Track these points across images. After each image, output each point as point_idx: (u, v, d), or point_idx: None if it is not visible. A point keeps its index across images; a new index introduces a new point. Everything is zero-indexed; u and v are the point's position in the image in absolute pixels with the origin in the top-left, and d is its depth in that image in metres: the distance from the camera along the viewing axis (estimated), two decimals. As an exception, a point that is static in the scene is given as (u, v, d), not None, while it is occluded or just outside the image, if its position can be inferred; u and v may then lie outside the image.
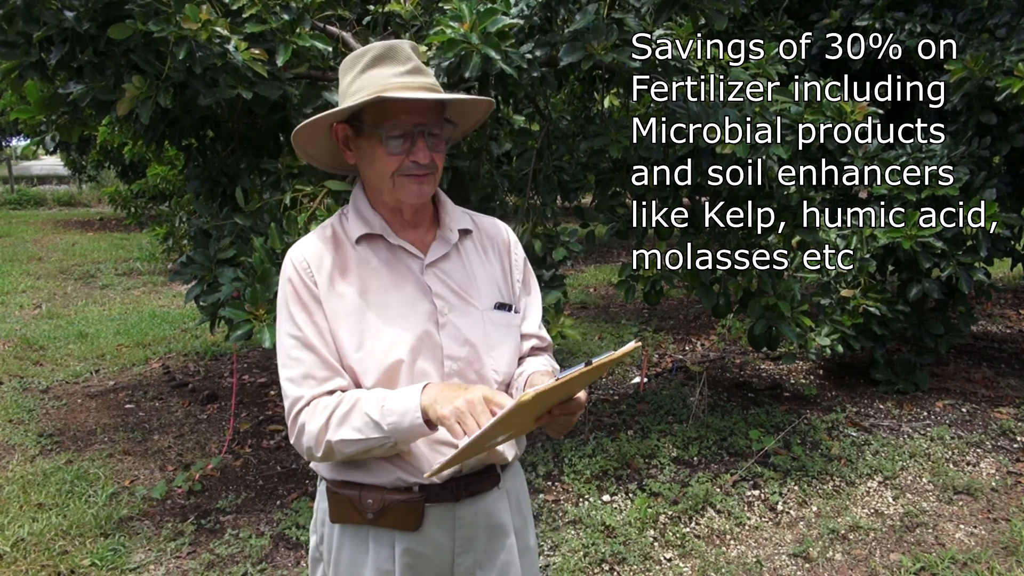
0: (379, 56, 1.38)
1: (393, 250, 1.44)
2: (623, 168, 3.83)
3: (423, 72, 1.39)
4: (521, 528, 1.56)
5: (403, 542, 1.42)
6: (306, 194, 3.25)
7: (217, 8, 2.95)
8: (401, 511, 1.40)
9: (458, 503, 1.44)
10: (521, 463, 1.65)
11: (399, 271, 1.43)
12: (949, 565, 3.04)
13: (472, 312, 1.45)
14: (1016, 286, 7.86)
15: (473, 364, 1.43)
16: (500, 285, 1.52)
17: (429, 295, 1.43)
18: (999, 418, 4.43)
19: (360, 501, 1.40)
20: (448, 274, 1.46)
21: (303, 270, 1.40)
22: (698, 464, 3.87)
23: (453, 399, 1.24)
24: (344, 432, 1.32)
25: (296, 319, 1.39)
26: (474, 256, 1.52)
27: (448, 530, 1.45)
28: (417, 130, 1.36)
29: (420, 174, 1.38)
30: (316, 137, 1.46)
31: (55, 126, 3.90)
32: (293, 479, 3.79)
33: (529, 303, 1.58)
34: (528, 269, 1.61)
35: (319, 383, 1.37)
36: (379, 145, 1.37)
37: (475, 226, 1.55)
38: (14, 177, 19.76)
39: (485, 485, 1.48)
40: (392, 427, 1.29)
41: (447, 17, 2.99)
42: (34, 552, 3.09)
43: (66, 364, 5.65)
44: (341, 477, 1.43)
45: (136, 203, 10.91)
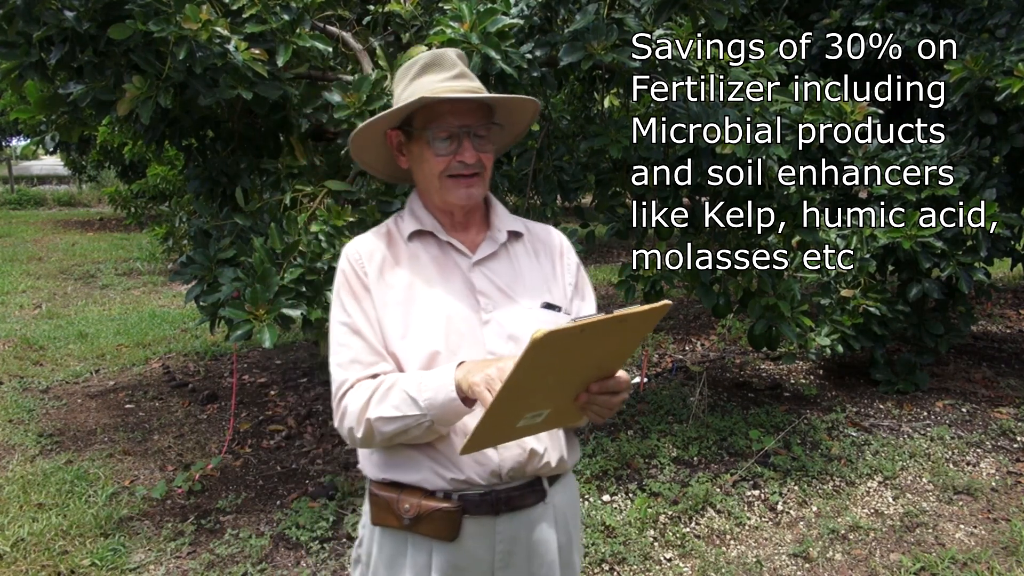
0: (427, 64, 1.45)
1: (443, 247, 1.49)
2: (623, 168, 3.83)
3: (468, 77, 1.46)
4: (565, 545, 1.53)
5: (441, 552, 1.41)
6: (306, 194, 3.25)
7: (217, 8, 2.95)
8: (437, 520, 1.39)
9: (498, 517, 1.42)
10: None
11: (447, 267, 1.48)
12: (949, 565, 3.04)
13: (516, 309, 1.47)
14: (1016, 286, 7.86)
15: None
16: (550, 286, 1.53)
17: (474, 292, 1.46)
18: (999, 418, 4.43)
19: (398, 505, 1.41)
20: (495, 272, 1.49)
21: (355, 261, 1.46)
22: (698, 464, 3.87)
23: (485, 367, 1.26)
24: (383, 409, 1.34)
25: (346, 307, 1.44)
26: (523, 257, 1.54)
27: (487, 544, 1.43)
28: (463, 131, 1.41)
29: (467, 174, 1.43)
30: (372, 145, 1.53)
31: (55, 126, 3.90)
32: (293, 479, 3.79)
33: (582, 308, 1.58)
34: (582, 275, 1.61)
35: (364, 367, 1.41)
36: (427, 147, 1.42)
37: (527, 230, 1.58)
38: (14, 177, 19.76)
39: (528, 499, 1.45)
40: (428, 403, 1.30)
41: (447, 17, 2.99)
42: (34, 552, 3.09)
43: (66, 364, 5.65)
44: (381, 476, 1.45)
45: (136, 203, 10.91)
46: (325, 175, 3.42)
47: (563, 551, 1.52)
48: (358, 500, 3.48)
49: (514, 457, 1.41)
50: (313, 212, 3.13)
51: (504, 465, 1.41)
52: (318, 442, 4.24)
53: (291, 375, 5.43)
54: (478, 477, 1.40)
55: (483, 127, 1.44)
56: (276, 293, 2.82)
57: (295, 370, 5.55)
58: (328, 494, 3.53)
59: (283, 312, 2.82)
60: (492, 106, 1.48)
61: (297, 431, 4.39)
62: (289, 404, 4.83)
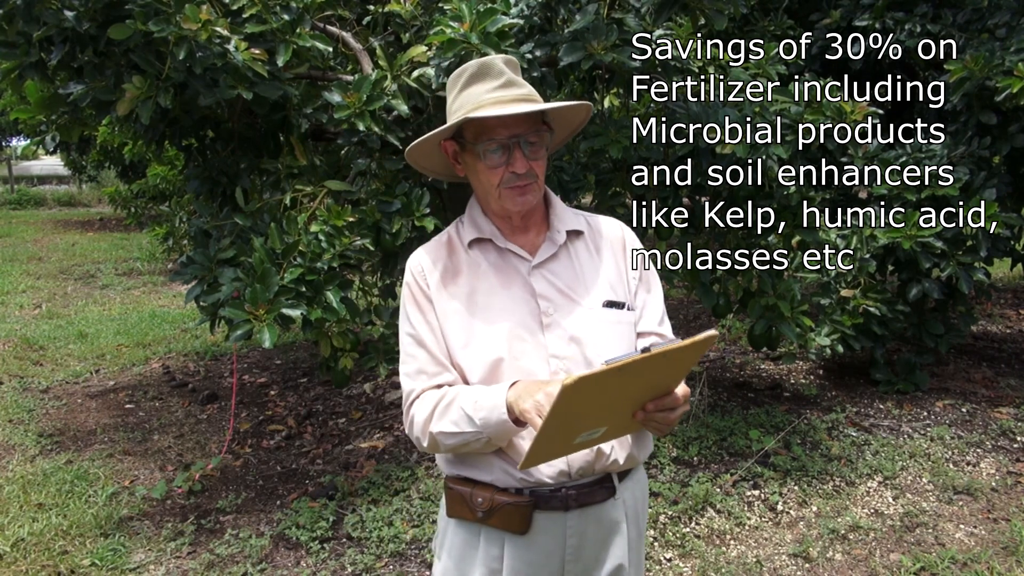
0: (474, 74, 1.45)
1: (502, 253, 1.51)
2: (623, 168, 3.82)
3: (516, 84, 1.44)
4: (635, 540, 1.55)
5: (512, 544, 1.45)
6: (306, 194, 3.25)
7: (217, 8, 2.95)
8: (509, 514, 1.43)
9: (568, 512, 1.45)
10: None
11: (507, 273, 1.50)
12: (949, 565, 3.04)
13: (578, 311, 1.47)
14: (1016, 286, 7.86)
15: (580, 363, 1.44)
16: (612, 283, 1.53)
17: (535, 296, 1.47)
18: (999, 418, 4.43)
19: (471, 499, 1.45)
20: (555, 274, 1.50)
21: (418, 273, 1.51)
22: (698, 464, 3.87)
23: (534, 392, 1.28)
24: (444, 424, 1.39)
25: (411, 318, 1.49)
26: (584, 255, 1.54)
27: (558, 538, 1.46)
28: (513, 141, 1.41)
29: (522, 184, 1.44)
30: (428, 153, 1.54)
31: (55, 126, 3.90)
32: (293, 479, 3.79)
33: (648, 300, 1.57)
34: (648, 266, 1.61)
35: (429, 378, 1.45)
36: (479, 159, 1.43)
37: (588, 226, 1.58)
38: (14, 177, 19.77)
39: (598, 496, 1.47)
40: (483, 422, 1.34)
41: (447, 17, 2.99)
42: (34, 552, 3.09)
43: (66, 364, 5.65)
44: (455, 472, 1.49)
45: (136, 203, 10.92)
46: (325, 175, 3.42)
47: (633, 546, 1.54)
48: (358, 500, 3.48)
49: (582, 457, 1.44)
50: (313, 212, 3.13)
51: (573, 465, 1.44)
52: (318, 442, 4.24)
53: (291, 375, 5.43)
54: (547, 478, 1.43)
55: (534, 134, 1.43)
56: (276, 293, 2.82)
57: (295, 370, 5.55)
58: (328, 494, 3.53)
59: (283, 312, 2.82)
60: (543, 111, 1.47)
61: (297, 431, 4.39)
62: (289, 404, 4.83)
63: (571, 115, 1.54)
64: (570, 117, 1.55)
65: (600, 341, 1.46)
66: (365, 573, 2.98)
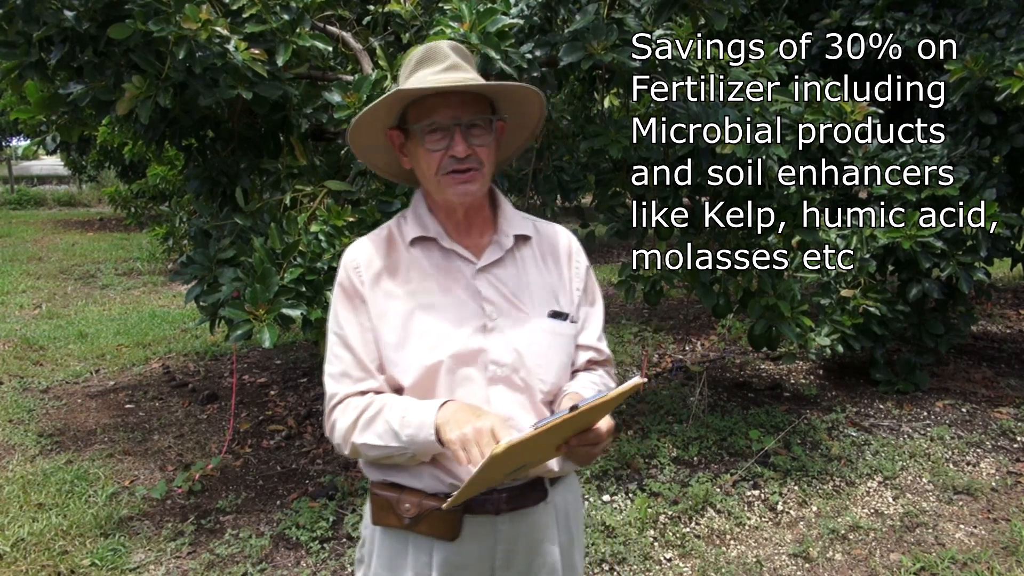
0: (420, 59, 1.41)
1: (446, 254, 1.45)
2: (623, 168, 3.83)
3: (461, 68, 1.39)
4: (567, 545, 1.51)
5: (441, 551, 1.40)
6: (306, 194, 3.25)
7: (217, 8, 2.95)
8: (438, 520, 1.38)
9: (498, 516, 1.41)
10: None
11: (450, 274, 1.43)
12: (949, 565, 3.03)
13: (522, 319, 1.43)
14: (1016, 286, 7.86)
15: (519, 371, 1.41)
16: (557, 293, 1.49)
17: (478, 299, 1.42)
18: (999, 418, 4.43)
19: (398, 505, 1.40)
20: (501, 279, 1.44)
21: (352, 269, 1.43)
22: (698, 464, 3.87)
23: (463, 424, 1.24)
24: (368, 436, 1.35)
25: (339, 318, 1.43)
26: (531, 262, 1.49)
27: (488, 544, 1.42)
28: (454, 124, 1.36)
29: (462, 169, 1.37)
30: (375, 145, 1.49)
31: (55, 126, 3.91)
32: (293, 479, 3.79)
33: (590, 314, 1.54)
34: (591, 279, 1.56)
35: (353, 383, 1.40)
36: (420, 144, 1.38)
37: (536, 232, 1.53)
38: (14, 177, 19.76)
39: (529, 500, 1.44)
40: (409, 439, 1.31)
41: (447, 17, 2.99)
42: (34, 552, 3.09)
43: (66, 364, 5.65)
44: (381, 477, 1.44)
45: (136, 203, 10.92)
46: (325, 175, 3.42)
47: (564, 551, 1.50)
48: (358, 500, 3.48)
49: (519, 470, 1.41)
50: (313, 212, 3.13)
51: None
52: (318, 442, 4.24)
53: (291, 375, 5.43)
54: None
55: (479, 119, 1.38)
56: (276, 293, 2.82)
57: (295, 370, 5.55)
58: (328, 494, 3.53)
59: (283, 312, 2.82)
60: (491, 99, 1.42)
61: (297, 431, 4.39)
62: (289, 404, 4.83)
63: (523, 106, 1.46)
64: (523, 108, 1.47)
65: (541, 352, 1.43)
66: (365, 573, 2.98)
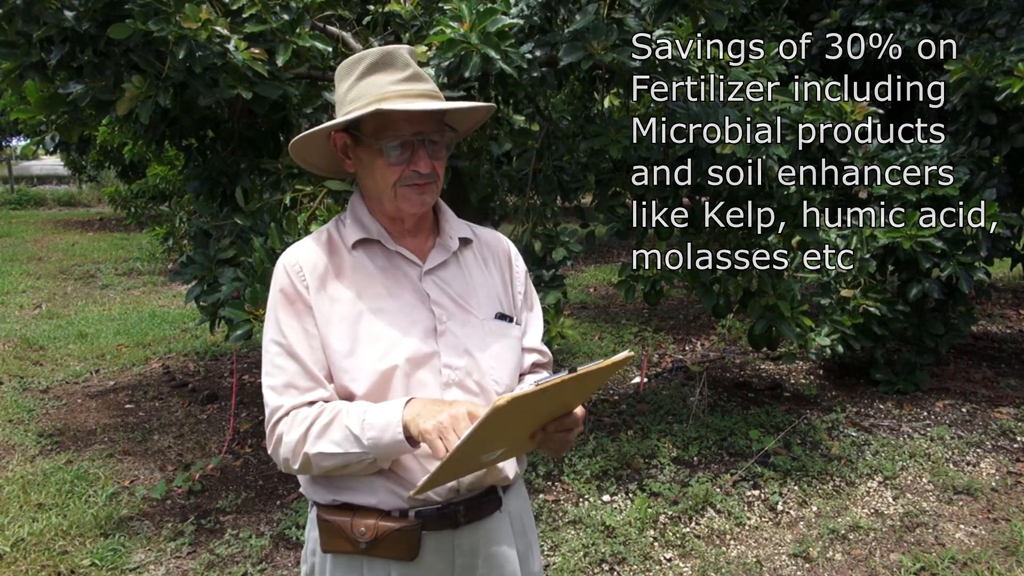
0: (376, 62, 1.34)
1: (391, 256, 1.41)
2: (623, 168, 3.83)
3: (422, 78, 1.36)
4: (524, 552, 1.50)
5: (399, 572, 1.35)
6: (306, 194, 3.25)
7: (217, 8, 2.95)
8: (396, 540, 1.32)
9: (457, 530, 1.38)
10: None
11: (396, 278, 1.39)
12: (949, 565, 3.03)
13: (472, 321, 1.41)
14: (1016, 286, 7.86)
15: (472, 374, 1.39)
16: (500, 296, 1.48)
17: (427, 303, 1.39)
18: (999, 418, 4.43)
19: (352, 529, 1.32)
20: (447, 282, 1.42)
21: (295, 274, 1.36)
22: (698, 464, 3.87)
23: (436, 413, 1.20)
24: (322, 445, 1.27)
25: (281, 325, 1.35)
26: (474, 266, 1.48)
27: (447, 558, 1.38)
28: (417, 139, 1.33)
29: (421, 183, 1.35)
30: (314, 145, 1.42)
31: (55, 126, 3.91)
32: (293, 479, 3.79)
33: (531, 318, 1.54)
34: (529, 283, 1.56)
35: (301, 393, 1.32)
36: (379, 156, 1.33)
37: (475, 236, 1.52)
38: (14, 177, 19.76)
39: (486, 509, 1.41)
40: (372, 442, 1.24)
41: (447, 17, 2.99)
42: (34, 552, 3.09)
43: (66, 364, 5.65)
44: (332, 498, 1.36)
45: (136, 203, 10.92)
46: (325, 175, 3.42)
47: (523, 559, 1.49)
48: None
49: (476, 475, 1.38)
50: (313, 212, 3.13)
51: (463, 481, 1.37)
52: (318, 442, 4.24)
53: (291, 375, 5.43)
54: (435, 495, 1.36)
55: (437, 133, 1.35)
56: (276, 293, 2.81)
57: (295, 370, 5.55)
58: (328, 494, 3.53)
59: (283, 312, 2.82)
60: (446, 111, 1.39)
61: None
62: (289, 404, 4.83)
63: (471, 115, 1.45)
64: (470, 117, 1.46)
65: (493, 353, 1.41)
66: (365, 573, 2.98)
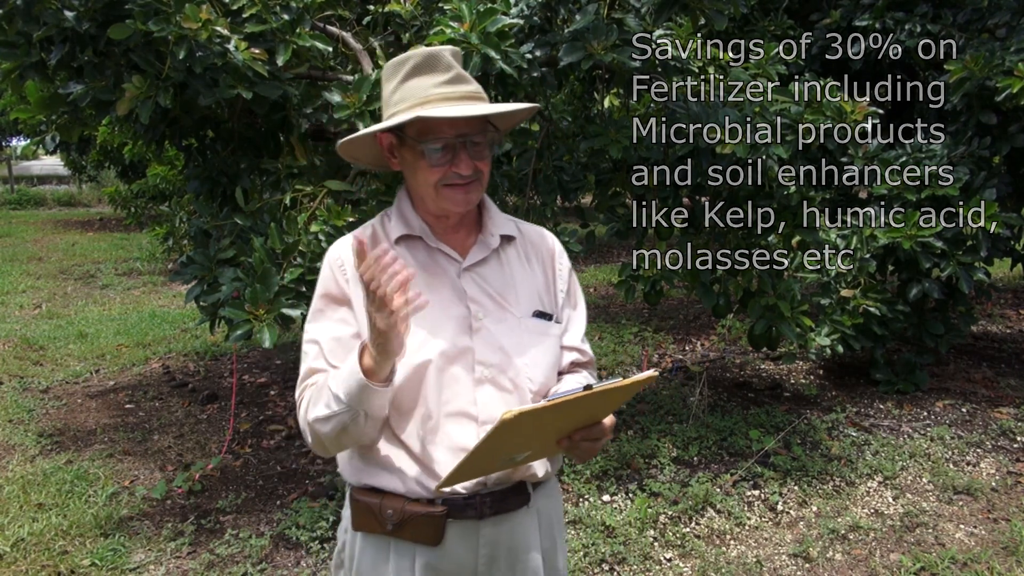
0: (420, 64, 1.37)
1: (431, 253, 1.44)
2: (623, 168, 3.82)
3: (464, 80, 1.38)
4: (549, 550, 1.51)
5: (424, 556, 1.39)
6: (306, 194, 3.25)
7: (217, 8, 2.95)
8: (421, 524, 1.37)
9: (482, 521, 1.40)
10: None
11: (435, 274, 1.42)
12: (949, 565, 3.04)
13: (508, 318, 1.43)
14: (1016, 286, 7.86)
15: (506, 371, 1.40)
16: (541, 294, 1.49)
17: (464, 299, 1.41)
18: (999, 418, 4.43)
19: (380, 511, 1.38)
20: (486, 279, 1.44)
21: (336, 268, 1.41)
22: (698, 464, 3.87)
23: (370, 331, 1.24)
24: (317, 410, 1.31)
25: (317, 314, 1.41)
26: (516, 263, 1.49)
27: (471, 548, 1.41)
28: (459, 141, 1.34)
29: (464, 183, 1.37)
30: (362, 144, 1.47)
31: (55, 126, 3.91)
32: (293, 479, 3.79)
33: (573, 316, 1.54)
34: (574, 282, 1.57)
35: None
36: (421, 157, 1.36)
37: (520, 233, 1.53)
38: (14, 177, 19.76)
39: (512, 504, 1.43)
40: (347, 394, 1.27)
41: (447, 17, 2.99)
42: (34, 552, 3.09)
43: (66, 364, 5.65)
44: (364, 482, 1.41)
45: (136, 203, 10.92)
46: (325, 175, 3.42)
47: (547, 556, 1.50)
48: (358, 500, 3.48)
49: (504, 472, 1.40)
50: (313, 212, 3.13)
51: (491, 476, 1.39)
52: (318, 442, 4.24)
53: (291, 375, 5.43)
54: (462, 488, 1.38)
55: (479, 134, 1.37)
56: (276, 293, 2.82)
57: (295, 370, 5.53)
58: (328, 494, 3.53)
59: (283, 312, 2.82)
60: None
61: (297, 431, 4.39)
62: (289, 404, 4.83)
63: (515, 114, 1.47)
64: (513, 117, 1.48)
65: (527, 351, 1.43)
66: (365, 573, 2.98)
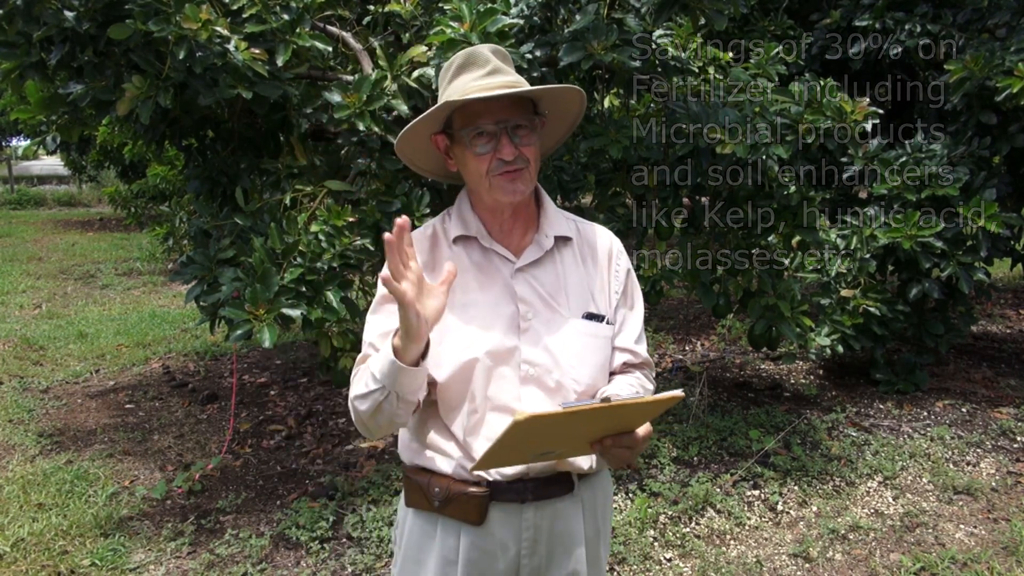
0: (462, 64, 1.44)
1: (486, 253, 1.48)
2: (623, 168, 3.83)
3: (501, 72, 1.42)
4: (592, 539, 1.55)
5: (468, 535, 1.45)
6: (306, 194, 3.25)
7: (217, 8, 2.95)
8: (464, 503, 1.43)
9: (524, 504, 1.44)
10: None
11: (489, 273, 1.47)
12: (949, 565, 3.04)
13: (556, 319, 1.45)
14: (1016, 286, 7.86)
15: (552, 372, 1.43)
16: (594, 294, 1.51)
17: (515, 299, 1.44)
18: (999, 418, 4.43)
19: (428, 488, 1.45)
20: (538, 279, 1.47)
21: None
22: (698, 464, 3.87)
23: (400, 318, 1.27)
24: (357, 388, 1.36)
25: (375, 309, 1.49)
26: (570, 263, 1.51)
27: (514, 531, 1.45)
28: (500, 127, 1.38)
29: (511, 170, 1.40)
30: (421, 149, 1.51)
31: (55, 126, 3.90)
32: (293, 479, 3.79)
33: (628, 317, 1.55)
34: (632, 282, 1.58)
35: None
36: (467, 149, 1.41)
37: (577, 233, 1.55)
38: (14, 177, 19.75)
39: (555, 491, 1.47)
40: (380, 372, 1.30)
41: (447, 17, 2.99)
42: (34, 552, 3.09)
43: (66, 364, 5.65)
44: (415, 462, 1.49)
45: (136, 203, 10.91)
46: (325, 175, 3.42)
47: (590, 544, 1.53)
48: (358, 500, 3.48)
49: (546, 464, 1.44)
50: (313, 212, 3.13)
51: (535, 466, 1.43)
52: (318, 442, 4.24)
53: (291, 375, 5.43)
54: (506, 472, 1.43)
55: (523, 119, 1.40)
56: (276, 293, 2.82)
57: (295, 370, 5.55)
58: (328, 494, 3.53)
59: (283, 312, 2.82)
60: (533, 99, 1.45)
61: (297, 431, 4.39)
62: (289, 404, 4.83)
63: (564, 102, 1.49)
64: (564, 105, 1.50)
65: (575, 352, 1.45)
66: (365, 573, 2.98)
